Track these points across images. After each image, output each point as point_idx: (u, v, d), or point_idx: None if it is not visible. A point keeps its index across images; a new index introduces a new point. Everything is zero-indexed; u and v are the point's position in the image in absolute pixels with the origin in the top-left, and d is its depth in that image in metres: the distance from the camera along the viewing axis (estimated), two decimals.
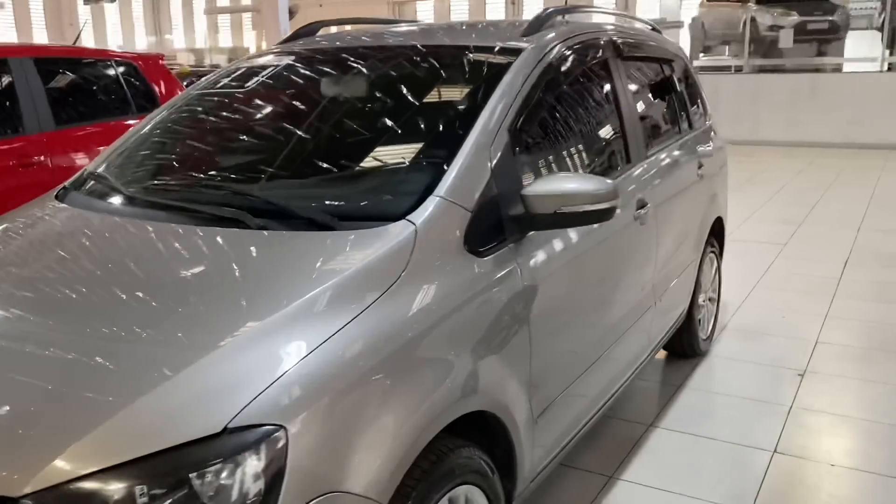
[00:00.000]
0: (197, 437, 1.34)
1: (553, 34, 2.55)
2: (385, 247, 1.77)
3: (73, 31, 34.98)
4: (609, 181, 2.08)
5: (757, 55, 14.90)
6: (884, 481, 2.79)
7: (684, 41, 19.48)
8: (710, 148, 3.80)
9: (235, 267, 1.79)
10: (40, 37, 35.48)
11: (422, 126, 2.29)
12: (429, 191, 1.93)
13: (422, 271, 1.78)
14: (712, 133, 4.08)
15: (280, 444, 1.38)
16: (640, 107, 3.05)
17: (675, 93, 3.56)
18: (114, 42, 35.42)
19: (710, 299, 4.02)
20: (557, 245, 2.22)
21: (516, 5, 26.79)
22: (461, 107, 2.30)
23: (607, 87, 2.81)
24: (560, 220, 2.05)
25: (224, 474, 1.34)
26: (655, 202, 2.91)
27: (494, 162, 2.05)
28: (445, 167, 1.99)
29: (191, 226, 1.97)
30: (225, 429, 1.35)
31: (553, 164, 2.33)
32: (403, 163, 2.18)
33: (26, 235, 2.12)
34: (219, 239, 1.90)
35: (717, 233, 4.01)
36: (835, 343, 4.11)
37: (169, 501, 1.32)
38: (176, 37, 35.99)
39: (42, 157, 4.64)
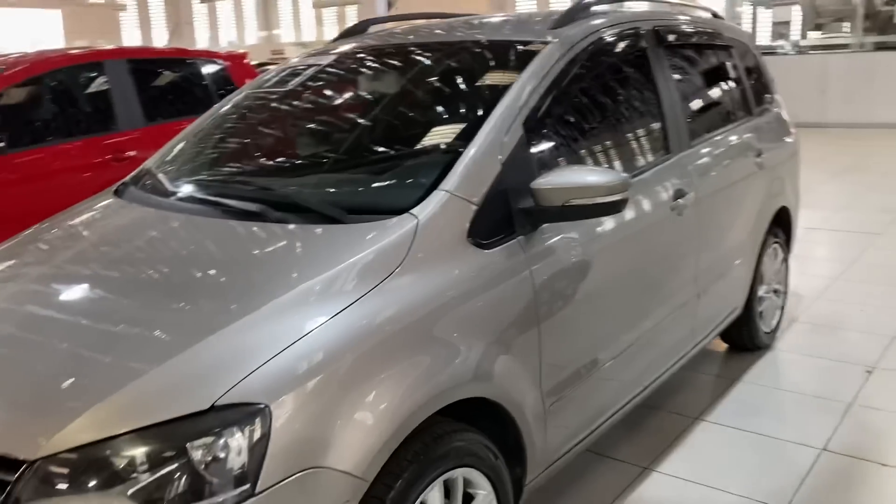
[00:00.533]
0: (188, 413, 1.48)
1: (582, 27, 2.56)
2: (386, 239, 1.86)
3: (189, 29, 36.82)
4: (619, 173, 2.10)
5: (872, 32, 14.03)
6: None
7: (797, 18, 18.59)
8: (771, 136, 3.69)
9: (251, 258, 1.93)
10: (159, 35, 37.51)
11: (437, 122, 2.37)
12: (436, 185, 2.01)
13: (422, 262, 1.86)
14: (780, 121, 3.95)
15: (263, 422, 1.50)
16: (684, 96, 3.00)
17: (730, 80, 3.47)
18: (225, 38, 36.99)
19: (774, 291, 3.90)
20: (575, 236, 2.25)
21: None
22: (477, 102, 2.36)
23: (643, 77, 2.79)
24: (569, 212, 2.08)
25: (214, 447, 1.48)
26: (697, 192, 2.87)
27: (506, 156, 2.10)
28: (454, 162, 2.06)
29: (220, 219, 2.13)
30: (213, 406, 1.49)
31: (573, 158, 2.35)
32: (415, 158, 2.27)
33: (80, 229, 2.34)
34: (241, 230, 2.05)
35: (782, 223, 3.88)
36: None
37: (169, 468, 1.46)
38: (285, 31, 37.28)
39: (133, 153, 4.99)
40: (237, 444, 1.48)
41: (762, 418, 3.16)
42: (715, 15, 3.79)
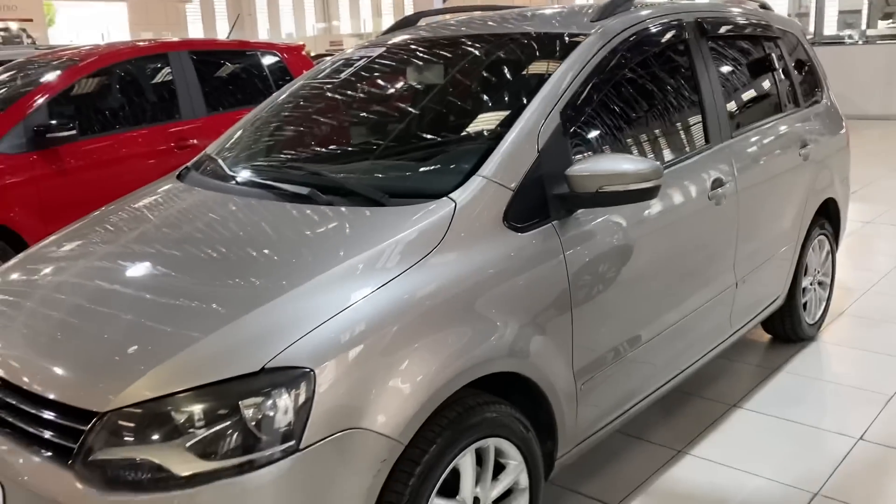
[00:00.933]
0: (240, 374, 1.62)
1: (622, 19, 2.64)
2: (425, 221, 1.99)
3: (251, 20, 37.50)
4: (652, 161, 2.17)
5: None
6: None
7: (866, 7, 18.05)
8: (819, 128, 3.69)
9: (300, 237, 2.08)
10: (222, 26, 38.32)
11: (479, 111, 2.48)
12: (474, 171, 2.12)
13: (459, 243, 1.98)
14: (831, 113, 3.93)
15: (308, 385, 1.64)
16: (726, 87, 3.04)
17: (775, 71, 3.48)
18: (285, 30, 37.62)
19: (819, 283, 3.90)
20: (610, 223, 2.33)
21: None
22: (518, 92, 2.46)
23: (683, 68, 2.85)
24: (602, 198, 2.16)
25: (263, 406, 1.62)
26: (736, 182, 2.92)
27: (543, 144, 2.20)
28: (493, 149, 2.16)
29: (274, 201, 2.28)
30: (263, 369, 1.63)
31: (609, 147, 2.43)
32: (457, 145, 2.38)
33: (146, 210, 2.52)
34: (292, 213, 2.19)
35: (829, 215, 3.87)
36: None
37: (223, 424, 1.61)
38: (343, 23, 37.75)
39: (195, 141, 5.22)
40: (284, 403, 1.62)
41: (800, 408, 3.19)
42: (763, 6, 3.80)
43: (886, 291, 4.56)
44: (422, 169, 2.34)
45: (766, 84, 3.44)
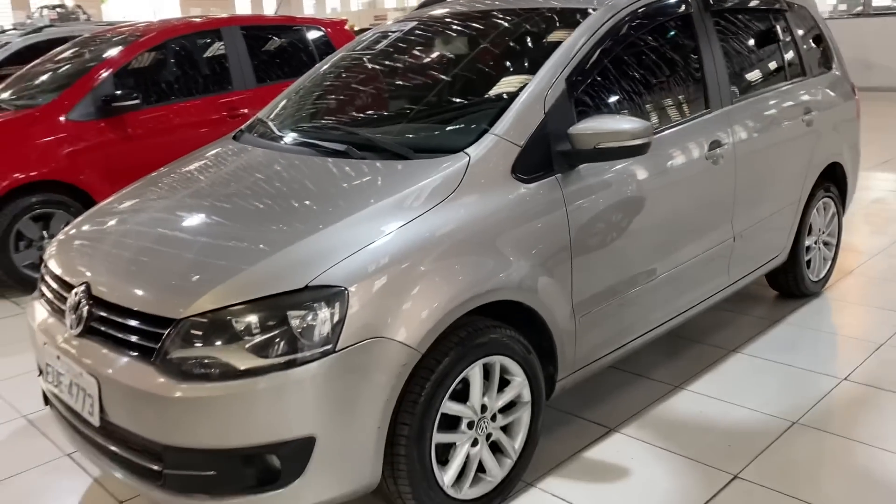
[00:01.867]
0: (288, 290, 2.00)
1: None
2: (442, 171, 2.34)
3: None
4: (643, 121, 2.48)
5: None
6: None
7: None
8: (826, 96, 3.92)
9: (337, 184, 2.45)
10: (270, 3, 38.81)
11: (494, 77, 2.82)
12: (487, 129, 2.46)
13: (471, 190, 2.33)
14: (840, 82, 4.14)
15: (343, 301, 2.01)
16: (728, 56, 3.30)
17: (781, 42, 3.72)
18: (330, 5, 37.93)
19: (824, 243, 4.14)
20: (609, 175, 2.65)
21: None
22: (528, 60, 2.78)
23: (686, 39, 3.12)
24: (599, 154, 2.49)
25: (307, 316, 2.00)
26: (734, 144, 3.19)
27: (549, 107, 2.53)
28: (504, 110, 2.50)
29: (316, 156, 2.65)
30: (306, 286, 2.01)
31: (610, 109, 2.74)
32: (474, 107, 2.72)
33: (208, 163, 2.92)
34: (331, 165, 2.56)
35: (835, 178, 4.11)
36: None
37: (275, 331, 1.99)
38: None
39: (246, 110, 5.62)
40: (323, 315, 2.00)
41: (794, 353, 3.47)
42: None
43: (895, 254, 4.77)
44: (442, 128, 2.69)
45: (770, 54, 3.69)
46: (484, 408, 2.34)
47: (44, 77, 5.60)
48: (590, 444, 2.80)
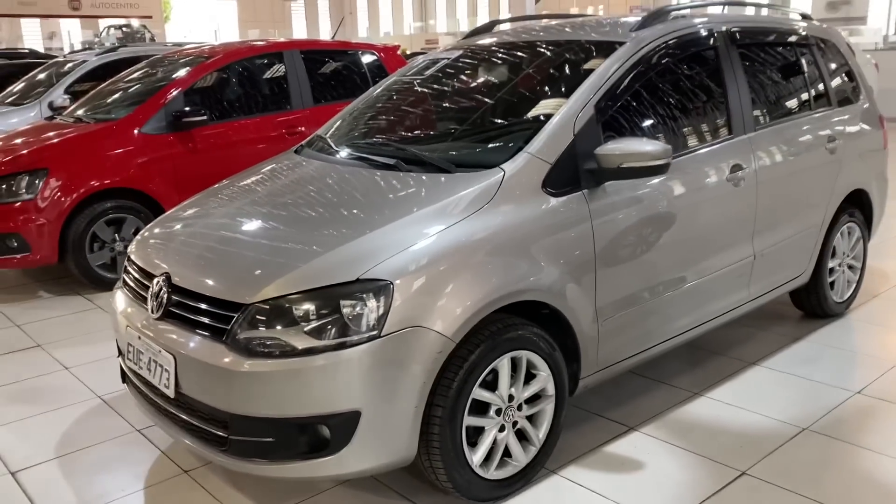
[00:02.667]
0: (342, 282, 2.31)
1: (655, 29, 3.20)
2: (480, 184, 2.63)
3: (352, 19, 38.82)
4: (663, 144, 2.74)
5: None
6: None
7: None
8: (851, 126, 4.12)
9: (387, 193, 2.76)
10: (325, 24, 39.83)
11: (530, 103, 3.11)
12: (522, 148, 2.74)
13: (505, 201, 2.61)
14: (867, 114, 4.33)
15: (388, 293, 2.30)
16: (752, 87, 3.53)
17: (807, 75, 3.94)
18: (384, 28, 38.80)
19: (849, 266, 4.31)
20: (632, 193, 2.91)
21: None
22: (562, 88, 3.06)
23: (710, 71, 3.37)
24: (623, 173, 2.75)
25: (357, 305, 2.30)
26: (756, 168, 3.42)
27: (579, 129, 2.80)
28: (538, 132, 2.78)
29: (369, 169, 2.97)
30: (357, 279, 2.31)
31: (634, 133, 3.00)
32: (511, 128, 3.02)
33: (273, 174, 3.26)
34: (381, 177, 2.87)
35: (859, 204, 4.28)
36: None
37: (330, 319, 2.30)
38: (440, 22, 38.69)
39: (303, 128, 6.01)
40: (371, 304, 2.29)
41: (811, 367, 3.66)
42: (804, 16, 4.25)
43: None
44: (482, 146, 2.99)
45: (795, 86, 3.91)
46: (511, 397, 2.61)
47: (119, 93, 6.07)
48: (610, 440, 3.03)
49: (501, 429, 2.60)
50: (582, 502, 2.65)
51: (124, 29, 24.87)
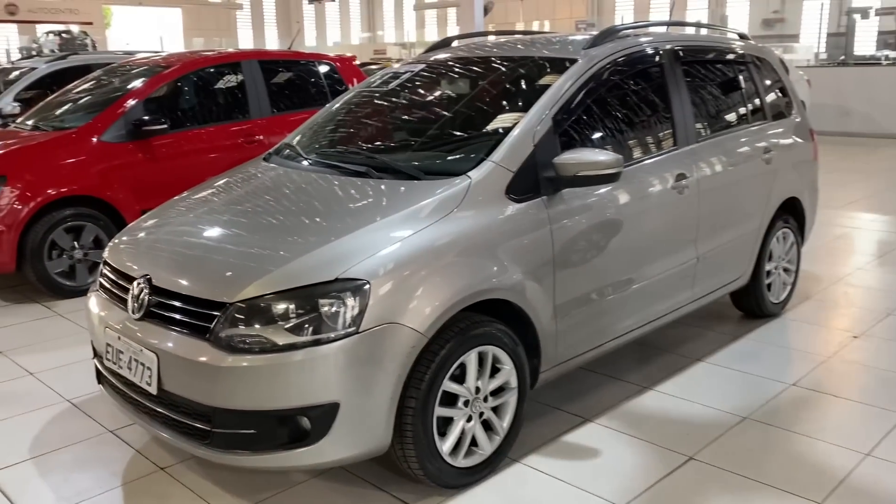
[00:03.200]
0: (321, 281, 2.45)
1: (606, 47, 3.43)
2: (448, 190, 2.80)
3: (299, 28, 38.73)
4: (615, 154, 2.96)
5: None
6: (880, 413, 3.38)
7: None
8: (785, 139, 4.43)
9: (360, 198, 2.91)
10: (271, 33, 39.62)
11: (492, 115, 3.31)
12: (486, 157, 2.93)
13: (471, 207, 2.79)
14: (799, 127, 4.65)
15: (366, 291, 2.46)
16: (695, 102, 3.80)
17: (744, 90, 4.24)
18: (332, 37, 38.83)
19: (784, 269, 4.62)
20: (587, 200, 3.12)
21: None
22: (521, 101, 3.27)
23: (656, 86, 3.62)
24: (578, 181, 2.96)
25: (335, 304, 2.44)
26: (698, 177, 3.68)
27: (538, 140, 3.00)
28: (500, 142, 2.98)
29: (339, 175, 3.12)
30: (336, 279, 2.46)
31: (588, 144, 3.22)
32: (475, 139, 3.21)
33: (245, 180, 3.38)
34: (353, 183, 3.03)
35: (793, 211, 4.60)
36: None
37: (309, 317, 2.44)
38: (388, 32, 38.89)
39: (261, 137, 6.11)
40: (349, 303, 2.44)
41: (751, 363, 3.93)
42: (742, 36, 4.56)
43: (854, 283, 5.26)
44: (449, 156, 3.17)
45: (734, 101, 4.20)
46: (478, 390, 2.78)
47: (76, 102, 6.07)
48: (568, 431, 3.23)
49: (469, 419, 2.77)
50: (543, 487, 2.84)
51: (63, 35, 24.33)
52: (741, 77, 4.26)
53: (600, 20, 29.91)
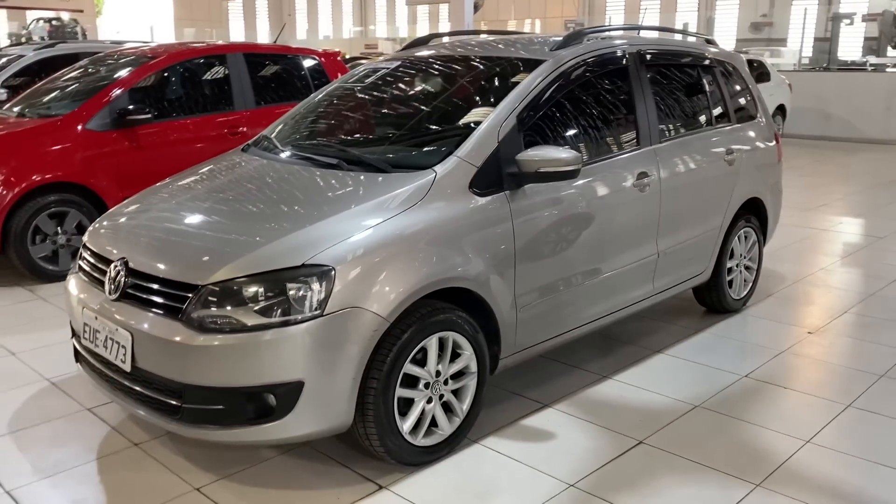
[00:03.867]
0: (289, 266, 2.59)
1: (572, 49, 3.58)
2: (414, 183, 2.95)
3: (291, 21, 38.65)
4: (575, 152, 3.11)
5: None
6: (825, 404, 3.55)
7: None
8: (748, 141, 4.60)
9: (330, 189, 3.05)
10: (263, 24, 39.56)
11: (459, 110, 3.46)
12: (451, 152, 3.08)
13: (436, 199, 2.93)
14: (763, 130, 4.82)
15: (330, 277, 2.60)
16: (658, 103, 3.96)
17: (708, 93, 4.40)
18: (323, 31, 38.81)
19: (746, 267, 4.79)
20: (549, 195, 3.27)
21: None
22: (489, 99, 3.41)
23: (620, 87, 3.78)
24: (540, 176, 3.11)
25: (302, 288, 2.58)
26: (660, 175, 3.83)
27: (502, 136, 3.15)
28: (466, 138, 3.12)
29: (312, 167, 3.26)
30: (303, 264, 2.60)
31: (552, 141, 3.36)
32: (442, 134, 3.35)
33: (223, 169, 3.51)
34: (325, 175, 3.17)
35: (755, 211, 4.76)
36: (861, 314, 4.75)
37: (277, 299, 2.57)
38: (379, 27, 38.91)
39: (245, 129, 6.23)
40: (315, 287, 2.58)
41: (707, 355, 4.09)
42: (708, 41, 4.72)
43: (815, 282, 5.44)
44: (417, 150, 3.31)
45: (698, 103, 4.36)
46: (438, 373, 2.93)
47: (62, 89, 6.17)
48: (526, 415, 3.38)
49: (429, 401, 2.92)
50: (499, 466, 2.99)
51: (53, 22, 24.27)
52: (706, 80, 4.42)
53: (591, 20, 30.10)
